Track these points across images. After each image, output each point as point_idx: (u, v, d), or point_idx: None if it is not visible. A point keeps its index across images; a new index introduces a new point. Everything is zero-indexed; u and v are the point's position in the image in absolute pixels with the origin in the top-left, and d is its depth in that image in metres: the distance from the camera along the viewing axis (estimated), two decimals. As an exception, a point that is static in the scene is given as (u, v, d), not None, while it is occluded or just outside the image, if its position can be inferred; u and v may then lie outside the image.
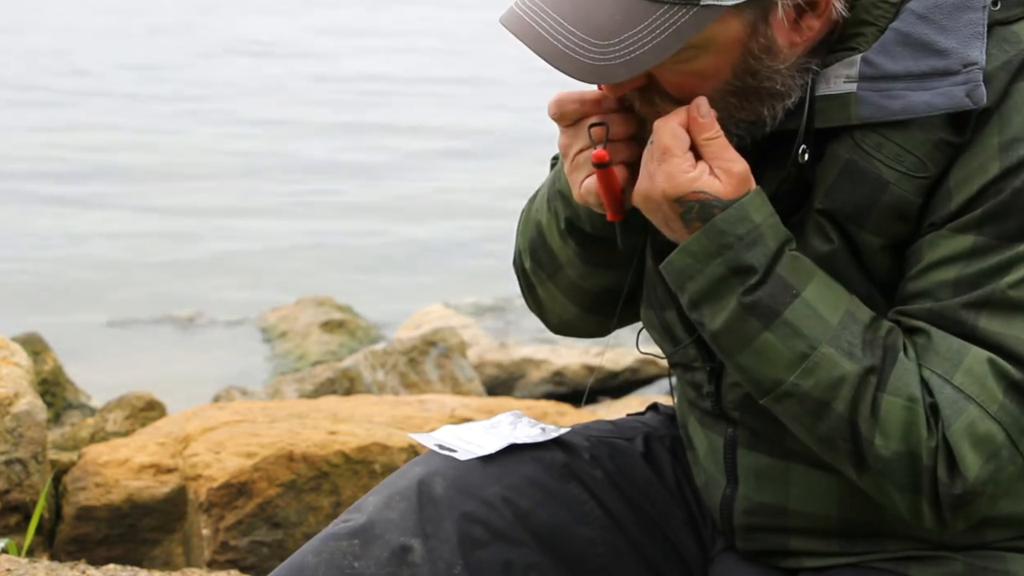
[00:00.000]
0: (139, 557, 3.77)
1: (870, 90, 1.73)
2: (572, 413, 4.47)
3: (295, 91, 13.99)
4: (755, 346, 1.72)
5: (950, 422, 1.69)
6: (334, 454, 3.77)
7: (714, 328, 1.74)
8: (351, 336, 7.15)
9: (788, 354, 1.71)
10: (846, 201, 1.75)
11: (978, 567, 1.83)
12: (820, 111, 1.75)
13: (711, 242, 1.72)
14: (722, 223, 1.71)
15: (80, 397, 5.30)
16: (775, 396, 1.74)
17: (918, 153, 1.73)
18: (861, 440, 1.71)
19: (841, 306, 1.73)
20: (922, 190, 1.73)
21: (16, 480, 3.56)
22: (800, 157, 1.75)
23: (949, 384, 1.70)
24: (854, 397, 1.70)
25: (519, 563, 1.88)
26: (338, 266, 8.61)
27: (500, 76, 14.61)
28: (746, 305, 1.71)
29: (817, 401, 1.71)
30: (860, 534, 1.85)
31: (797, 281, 1.73)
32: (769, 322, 1.71)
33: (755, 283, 1.71)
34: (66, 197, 9.80)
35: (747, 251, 1.71)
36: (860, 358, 1.71)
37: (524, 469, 1.93)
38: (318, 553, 1.86)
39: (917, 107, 1.72)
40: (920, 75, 1.73)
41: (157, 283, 8.16)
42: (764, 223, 1.72)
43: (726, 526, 1.93)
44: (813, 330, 1.71)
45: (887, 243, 1.76)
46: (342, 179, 10.57)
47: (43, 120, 12.15)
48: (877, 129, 1.74)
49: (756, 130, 1.78)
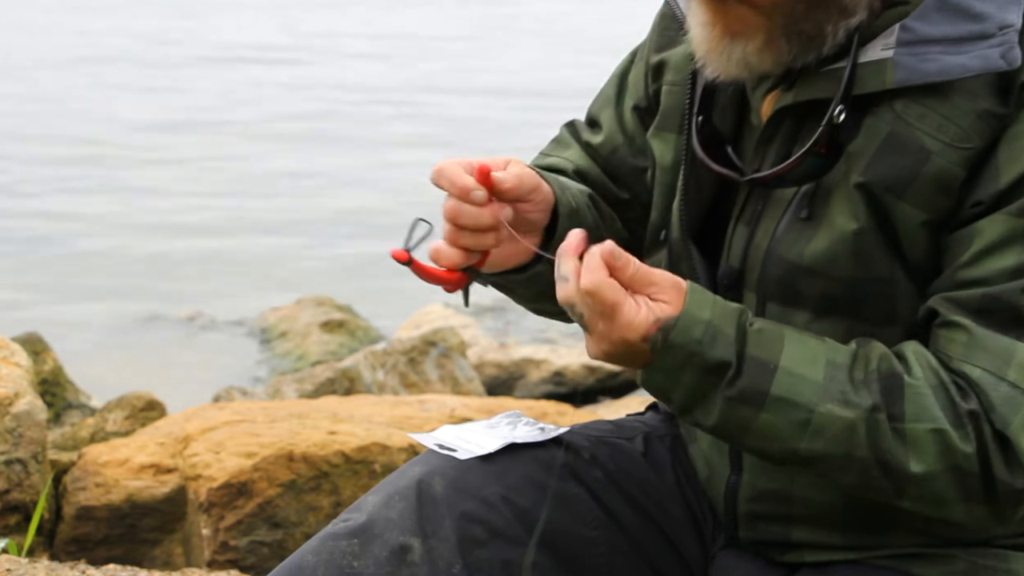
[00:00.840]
0: (139, 557, 3.77)
1: (906, 55, 1.73)
2: (572, 413, 4.47)
3: (296, 91, 13.99)
4: (756, 430, 1.72)
5: (1008, 420, 1.68)
6: (334, 454, 3.77)
7: (712, 425, 1.74)
8: (351, 336, 7.15)
9: (789, 426, 1.71)
10: (887, 173, 1.74)
11: (981, 565, 1.82)
12: (857, 78, 1.75)
13: (676, 357, 1.71)
14: (677, 337, 1.70)
15: (80, 397, 5.30)
16: (796, 463, 1.74)
17: (961, 124, 1.72)
18: (895, 474, 1.70)
19: (820, 359, 1.72)
20: (966, 163, 1.72)
21: (16, 480, 3.56)
22: (836, 117, 1.74)
23: (1004, 381, 1.68)
24: (871, 438, 1.69)
25: (519, 562, 1.88)
26: (338, 266, 8.61)
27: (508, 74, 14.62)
28: (731, 398, 1.71)
29: (837, 456, 1.71)
30: (864, 525, 1.85)
31: (771, 355, 1.72)
32: (760, 404, 1.71)
33: (733, 374, 1.71)
34: (66, 197, 9.80)
35: (711, 349, 1.71)
36: (858, 402, 1.70)
37: (524, 468, 1.93)
38: (317, 553, 1.86)
39: (952, 69, 1.71)
40: (957, 39, 1.72)
41: (157, 283, 8.16)
42: (714, 316, 1.72)
43: (729, 516, 1.93)
44: (804, 395, 1.70)
45: (927, 218, 1.74)
46: (343, 178, 10.57)
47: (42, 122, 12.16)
48: (920, 100, 1.73)
49: (810, 50, 1.77)
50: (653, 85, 2.04)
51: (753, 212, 1.85)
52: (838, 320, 1.79)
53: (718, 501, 1.95)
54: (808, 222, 1.79)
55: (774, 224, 1.82)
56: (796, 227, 1.80)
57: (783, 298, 1.81)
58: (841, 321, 1.78)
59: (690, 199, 1.90)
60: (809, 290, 1.79)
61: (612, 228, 2.06)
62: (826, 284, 1.78)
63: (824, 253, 1.77)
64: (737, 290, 1.86)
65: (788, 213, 1.81)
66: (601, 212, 2.05)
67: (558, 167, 2.10)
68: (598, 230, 2.01)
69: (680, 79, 1.97)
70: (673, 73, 1.99)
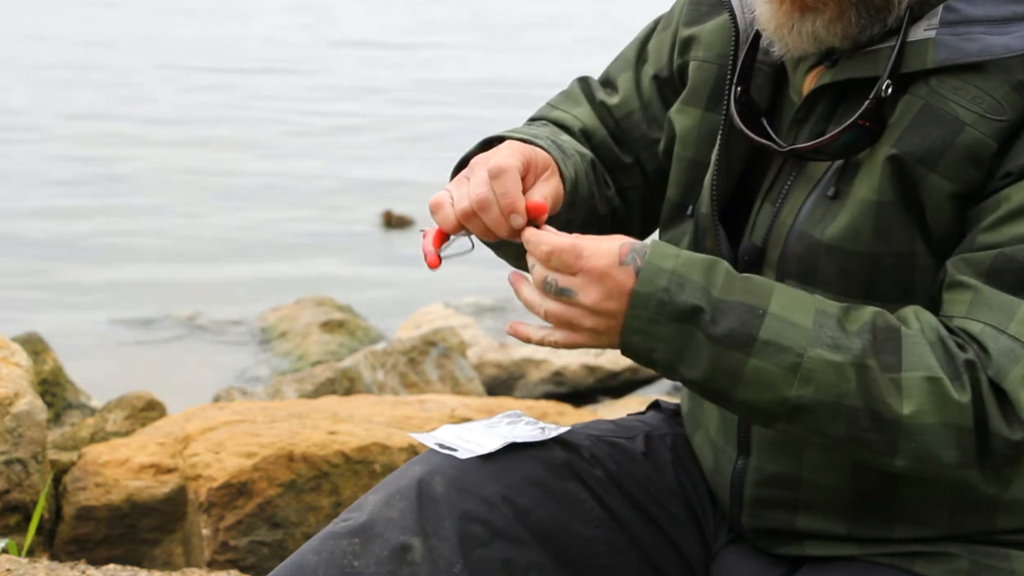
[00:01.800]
0: (139, 557, 3.77)
1: (949, 34, 1.75)
2: (572, 413, 4.47)
3: (293, 93, 13.99)
4: (746, 377, 1.71)
5: (1006, 371, 1.68)
6: (334, 454, 3.77)
7: (699, 377, 1.74)
8: (351, 336, 7.15)
9: (779, 372, 1.70)
10: (919, 144, 1.74)
11: (983, 564, 1.82)
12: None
13: (646, 308, 1.72)
14: (641, 288, 1.71)
15: (80, 397, 5.30)
16: (786, 417, 1.72)
17: (996, 95, 1.73)
18: (886, 424, 1.69)
19: (809, 307, 1.73)
20: (999, 134, 1.73)
21: (16, 480, 3.56)
22: (884, 91, 1.75)
23: (1004, 334, 1.69)
24: (862, 385, 1.69)
25: (519, 562, 1.88)
26: (338, 266, 8.61)
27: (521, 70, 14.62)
28: (718, 339, 1.71)
29: (827, 404, 1.70)
30: (869, 513, 1.84)
31: (760, 300, 1.72)
32: (749, 348, 1.71)
33: (710, 318, 1.71)
34: (66, 198, 9.80)
35: (679, 295, 1.71)
36: (848, 347, 1.70)
37: (524, 468, 1.93)
38: (318, 552, 1.86)
39: (994, 49, 1.73)
40: (1001, 20, 1.74)
41: (157, 282, 8.16)
42: (677, 265, 1.73)
43: (735, 502, 1.93)
44: (793, 339, 1.70)
45: (955, 190, 1.74)
46: (341, 178, 10.57)
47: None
48: (957, 74, 1.74)
49: (877, 22, 1.78)
50: (679, 59, 2.05)
51: (780, 191, 1.86)
52: (855, 299, 1.79)
53: (724, 488, 1.94)
54: (834, 200, 1.80)
55: (800, 202, 1.83)
56: (822, 205, 1.81)
57: (802, 276, 1.81)
58: (858, 300, 1.79)
59: (722, 174, 1.90)
60: (828, 267, 1.80)
61: (604, 196, 2.06)
62: (846, 261, 1.78)
63: (846, 228, 1.78)
64: (757, 267, 1.86)
65: (816, 191, 1.82)
66: (598, 178, 2.06)
67: (565, 123, 2.10)
68: (592, 199, 2.02)
69: (712, 55, 1.98)
70: (704, 50, 2.00)
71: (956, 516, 1.82)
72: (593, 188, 2.02)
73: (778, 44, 1.84)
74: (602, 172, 2.07)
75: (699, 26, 2.02)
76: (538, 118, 2.14)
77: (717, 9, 2.01)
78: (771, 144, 1.85)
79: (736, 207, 1.92)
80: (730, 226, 1.91)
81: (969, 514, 1.82)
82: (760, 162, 1.90)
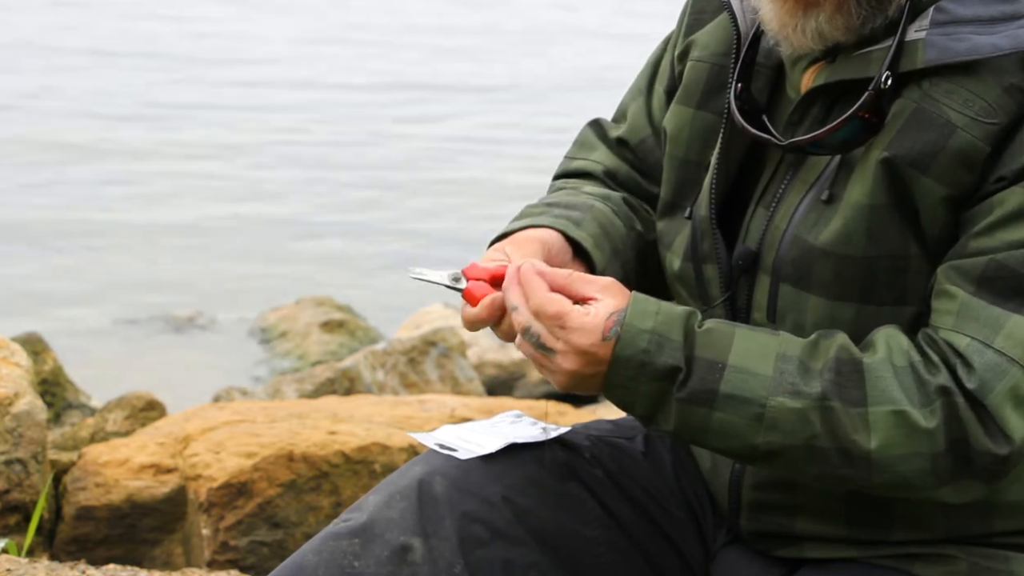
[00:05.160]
0: (139, 557, 3.77)
1: (939, 35, 1.75)
2: (572, 413, 4.47)
3: (292, 92, 13.99)
4: (713, 429, 1.73)
5: (991, 387, 1.68)
6: (334, 454, 3.77)
7: (672, 429, 1.76)
8: (351, 336, 7.15)
9: (744, 422, 1.72)
10: (911, 147, 1.74)
11: (982, 566, 1.82)
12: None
13: (627, 369, 1.74)
14: (622, 350, 1.73)
15: (80, 397, 5.30)
16: (761, 459, 1.75)
17: (987, 98, 1.73)
18: (858, 461, 1.70)
19: (770, 353, 1.73)
20: (991, 138, 1.72)
21: (16, 480, 3.56)
22: (883, 83, 1.75)
23: (990, 348, 1.69)
24: (828, 427, 1.70)
25: (519, 562, 1.88)
26: (338, 266, 8.61)
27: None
28: (682, 400, 1.73)
29: (797, 447, 1.71)
30: (866, 517, 1.85)
31: (719, 354, 1.73)
32: (711, 403, 1.72)
33: (684, 377, 1.73)
34: (67, 197, 9.80)
35: (659, 357, 1.73)
36: (808, 392, 1.70)
37: (524, 468, 1.93)
38: (318, 552, 1.86)
39: (982, 48, 1.72)
40: (989, 20, 1.74)
41: (157, 283, 8.15)
42: (657, 324, 1.74)
43: (733, 505, 1.93)
44: (754, 390, 1.71)
45: (948, 193, 1.74)
46: (340, 179, 10.57)
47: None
48: (948, 77, 1.74)
49: (879, 14, 1.78)
50: (679, 67, 2.05)
51: (775, 194, 1.86)
52: (850, 303, 1.79)
53: (721, 491, 1.95)
54: (828, 204, 1.79)
55: (794, 206, 1.83)
56: (816, 209, 1.81)
57: (797, 280, 1.81)
58: (852, 304, 1.79)
59: (722, 177, 1.91)
60: (823, 272, 1.79)
61: (648, 223, 2.07)
62: (840, 265, 1.78)
63: (839, 233, 1.78)
64: (752, 272, 1.87)
65: (810, 195, 1.82)
66: (635, 211, 2.06)
67: (586, 170, 2.12)
68: (633, 230, 2.03)
69: (707, 55, 1.99)
70: (700, 49, 2.01)
71: (954, 518, 1.82)
72: (633, 223, 2.04)
73: (784, 43, 1.85)
74: (638, 204, 2.08)
75: (696, 32, 2.03)
76: (560, 175, 2.16)
77: (717, 14, 2.01)
78: (770, 138, 1.85)
79: (731, 210, 1.92)
80: (725, 228, 1.91)
81: (967, 516, 1.82)
82: (754, 165, 1.90)
